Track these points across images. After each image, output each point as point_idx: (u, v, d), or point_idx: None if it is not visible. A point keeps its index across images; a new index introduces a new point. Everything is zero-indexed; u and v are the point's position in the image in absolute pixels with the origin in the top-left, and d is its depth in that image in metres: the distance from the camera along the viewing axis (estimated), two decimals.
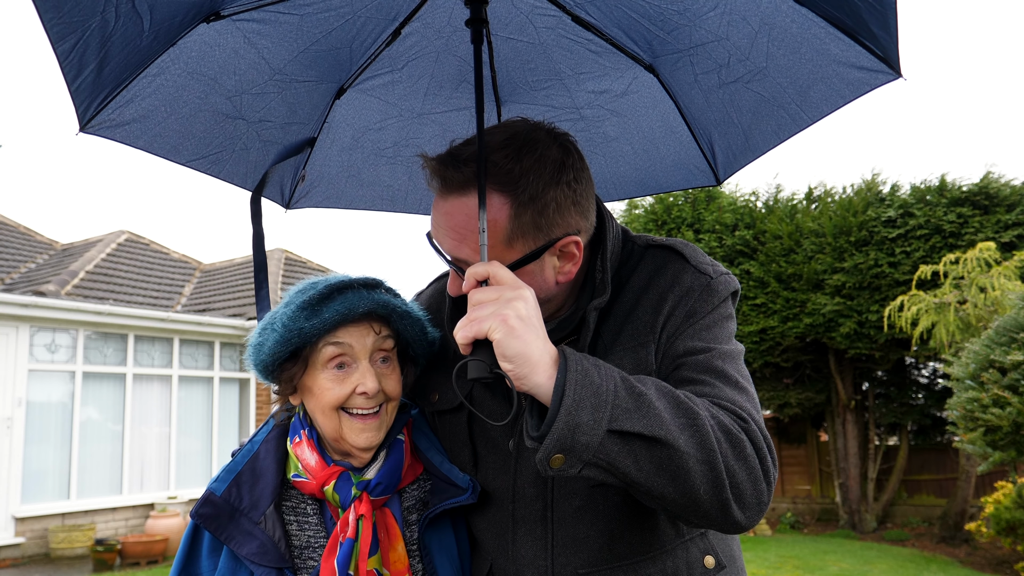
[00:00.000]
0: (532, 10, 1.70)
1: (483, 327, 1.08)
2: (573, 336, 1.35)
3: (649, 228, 13.93)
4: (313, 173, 2.09)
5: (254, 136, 1.91)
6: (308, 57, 1.80)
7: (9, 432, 10.03)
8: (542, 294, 1.28)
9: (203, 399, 12.53)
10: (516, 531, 1.35)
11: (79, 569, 9.59)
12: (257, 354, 1.32)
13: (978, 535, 9.91)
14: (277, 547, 1.29)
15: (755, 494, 1.11)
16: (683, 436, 1.07)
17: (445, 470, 1.40)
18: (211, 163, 1.90)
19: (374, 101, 1.98)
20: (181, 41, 1.63)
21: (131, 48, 1.51)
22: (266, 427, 1.45)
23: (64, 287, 11.45)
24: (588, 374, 1.07)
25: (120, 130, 1.70)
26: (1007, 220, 11.47)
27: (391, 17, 1.74)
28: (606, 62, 1.78)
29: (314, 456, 1.34)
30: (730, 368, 1.24)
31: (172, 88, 1.71)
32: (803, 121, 1.58)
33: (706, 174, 1.95)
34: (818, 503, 14.43)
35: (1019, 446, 7.38)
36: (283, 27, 1.70)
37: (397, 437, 1.41)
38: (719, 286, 1.33)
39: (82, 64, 1.46)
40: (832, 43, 1.38)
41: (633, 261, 1.40)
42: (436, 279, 1.69)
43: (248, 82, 1.79)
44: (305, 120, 1.96)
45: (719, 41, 1.50)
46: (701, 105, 1.74)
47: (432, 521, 1.39)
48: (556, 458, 1.04)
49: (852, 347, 12.31)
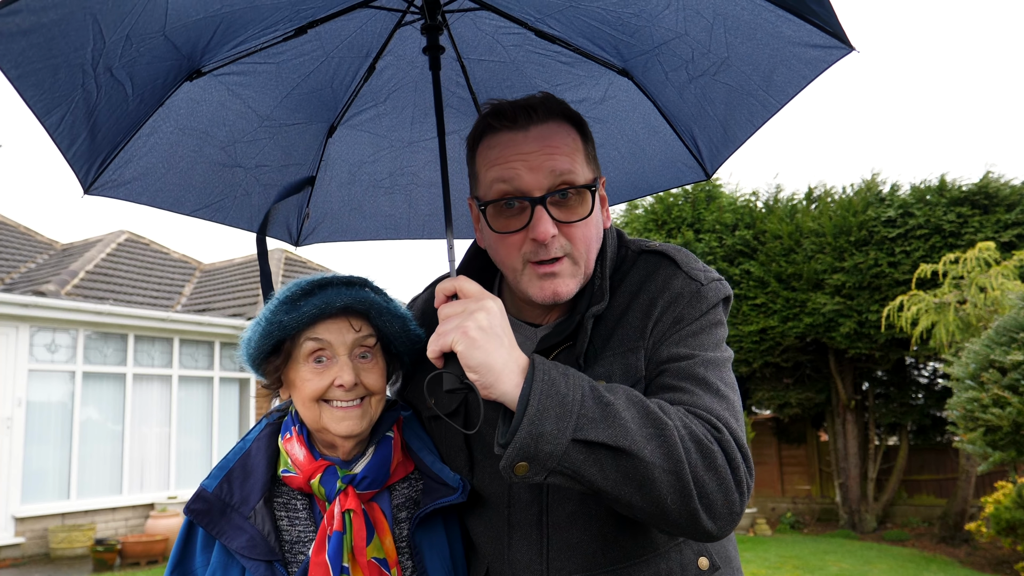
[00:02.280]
0: (496, 30, 1.75)
1: (447, 340, 1.12)
2: (569, 342, 1.36)
3: (649, 228, 13.93)
4: (316, 210, 2.17)
5: (253, 181, 1.99)
6: (292, 101, 1.87)
7: (9, 432, 10.04)
8: (596, 238, 1.36)
9: (203, 399, 12.54)
10: (512, 536, 1.35)
11: (79, 569, 9.59)
12: (246, 348, 1.38)
13: (978, 535, 9.91)
14: (267, 540, 1.32)
15: (726, 504, 1.12)
16: (649, 446, 1.08)
17: (436, 469, 1.42)
18: (215, 211, 2.00)
19: (364, 135, 2.05)
20: (168, 100, 1.71)
21: (119, 113, 1.59)
22: (259, 425, 1.49)
23: (64, 287, 11.45)
24: (555, 383, 1.08)
25: (123, 189, 1.81)
26: (1007, 220, 11.47)
27: (363, 54, 1.81)
28: (579, 71, 1.81)
29: (302, 451, 1.38)
30: (712, 375, 1.24)
31: (167, 145, 1.80)
32: (772, 106, 1.63)
33: (695, 169, 1.98)
34: (818, 503, 14.44)
35: (1019, 446, 7.38)
36: (263, 76, 1.78)
37: (386, 434, 1.44)
38: (708, 292, 1.34)
39: (73, 134, 1.53)
40: (783, 25, 1.42)
41: (626, 266, 1.42)
42: (430, 285, 1.70)
43: (239, 131, 1.87)
44: (301, 161, 2.03)
45: (680, 37, 1.54)
46: (676, 102, 1.78)
47: (423, 521, 1.41)
48: (520, 466, 1.06)
49: (852, 347, 12.31)
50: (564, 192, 1.29)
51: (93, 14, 1.28)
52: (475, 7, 1.68)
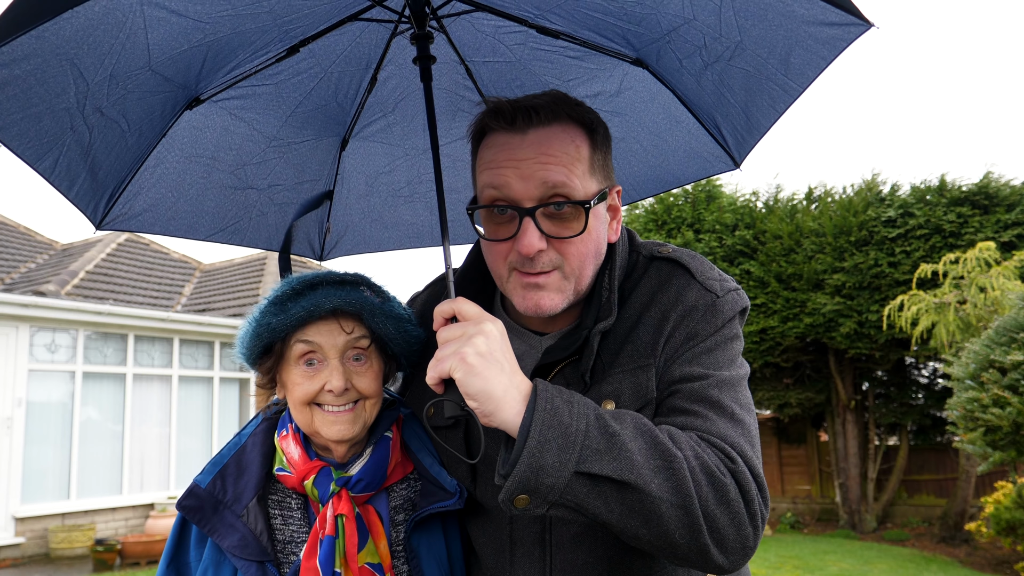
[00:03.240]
0: (496, 30, 1.71)
1: (445, 366, 1.07)
2: (575, 356, 1.29)
3: (649, 228, 13.92)
4: (337, 224, 2.17)
5: (267, 201, 1.99)
6: (298, 119, 1.86)
7: (9, 432, 10.03)
8: (594, 254, 1.28)
9: (203, 399, 12.53)
10: (514, 552, 1.32)
11: (79, 569, 9.59)
12: (240, 346, 1.36)
13: (978, 535, 9.91)
14: (259, 540, 1.29)
15: (739, 539, 1.08)
16: (656, 480, 1.03)
17: (435, 472, 1.39)
18: (231, 234, 2.00)
19: (378, 146, 2.03)
20: (170, 131, 1.71)
21: (119, 149, 1.59)
22: (255, 421, 1.46)
23: (64, 287, 11.45)
24: (558, 412, 1.03)
25: (135, 221, 1.83)
26: (1007, 220, 11.46)
27: (363, 66, 1.79)
28: (590, 64, 1.76)
29: (298, 450, 1.35)
30: (726, 397, 1.18)
31: (174, 174, 1.80)
32: (793, 90, 1.57)
33: (722, 159, 1.89)
34: (818, 503, 14.43)
35: (1019, 446, 7.38)
36: (263, 97, 1.77)
37: (384, 434, 1.40)
38: (724, 305, 1.27)
39: (72, 175, 1.54)
40: (795, 4, 1.36)
41: (637, 274, 1.34)
42: (432, 283, 1.65)
43: (247, 153, 1.87)
44: (315, 177, 2.02)
45: (688, 23, 1.49)
46: (695, 90, 1.71)
47: (421, 524, 1.37)
48: (520, 498, 1.02)
49: (852, 347, 12.30)
50: (559, 205, 1.21)
51: (70, 59, 1.28)
52: (470, 9, 1.64)
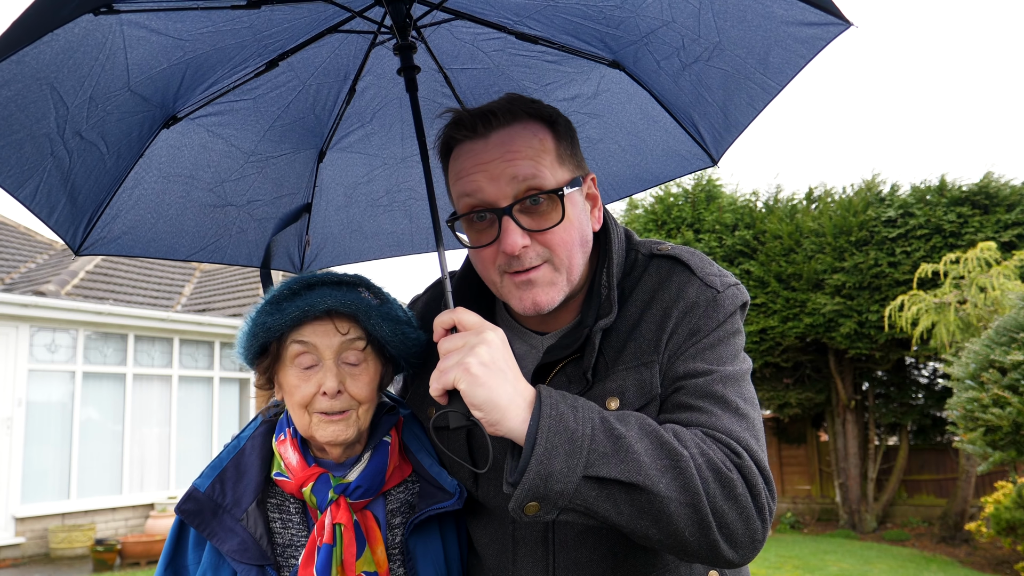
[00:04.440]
0: (475, 38, 1.72)
1: (448, 378, 1.08)
2: (576, 355, 1.30)
3: (649, 228, 13.92)
4: (316, 236, 2.15)
5: (247, 217, 1.98)
6: (276, 133, 1.85)
7: (9, 432, 10.04)
8: (580, 243, 1.29)
9: (203, 399, 12.53)
10: (517, 551, 1.32)
11: (79, 569, 9.59)
12: (238, 347, 1.36)
13: (978, 535, 9.91)
14: (258, 544, 1.28)
15: (747, 533, 1.09)
16: (664, 479, 1.04)
17: (434, 473, 1.38)
18: (211, 252, 1.98)
19: (356, 156, 2.02)
20: (148, 151, 1.70)
21: (98, 172, 1.58)
22: (254, 423, 1.45)
23: (64, 287, 11.45)
24: (563, 418, 1.04)
25: (114, 244, 1.80)
26: (1007, 220, 11.46)
27: (341, 77, 1.79)
28: (568, 68, 1.77)
29: (296, 456, 1.34)
30: (731, 393, 1.19)
31: (153, 195, 1.78)
32: (772, 88, 1.58)
33: (700, 157, 1.92)
34: (818, 503, 14.43)
35: (1019, 446, 7.37)
36: (241, 113, 1.76)
37: (383, 439, 1.39)
38: (725, 300, 1.28)
39: (52, 201, 1.52)
40: (774, 5, 1.37)
41: (637, 272, 1.35)
42: (432, 285, 1.65)
43: (225, 170, 1.86)
44: (294, 190, 2.01)
45: (667, 25, 1.50)
46: (672, 90, 1.73)
47: (418, 526, 1.37)
48: (530, 506, 1.03)
49: (852, 347, 12.30)
50: (535, 198, 1.23)
51: (50, 83, 1.26)
52: (450, 18, 1.64)
